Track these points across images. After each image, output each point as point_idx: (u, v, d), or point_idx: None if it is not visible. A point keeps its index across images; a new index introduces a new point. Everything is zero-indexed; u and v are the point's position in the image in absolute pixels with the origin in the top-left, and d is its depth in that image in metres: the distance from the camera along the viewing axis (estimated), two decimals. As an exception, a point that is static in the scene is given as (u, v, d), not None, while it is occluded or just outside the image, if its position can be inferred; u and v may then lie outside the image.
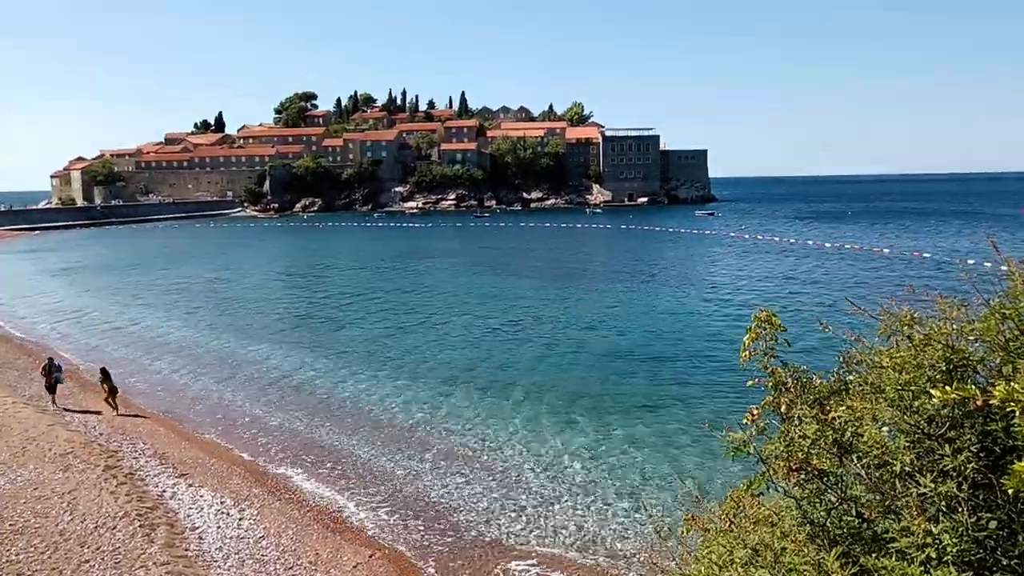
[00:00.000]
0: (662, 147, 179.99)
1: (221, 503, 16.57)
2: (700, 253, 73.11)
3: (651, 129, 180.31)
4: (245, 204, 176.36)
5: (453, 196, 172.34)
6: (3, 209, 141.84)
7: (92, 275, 64.89)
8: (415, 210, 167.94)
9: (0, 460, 18.33)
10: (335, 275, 62.27)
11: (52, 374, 24.00)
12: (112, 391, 23.68)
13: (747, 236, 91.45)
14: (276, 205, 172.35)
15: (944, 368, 3.44)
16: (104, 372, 23.99)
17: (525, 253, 76.64)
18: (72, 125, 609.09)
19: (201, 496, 16.93)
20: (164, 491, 17.07)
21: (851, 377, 4.34)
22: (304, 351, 33.37)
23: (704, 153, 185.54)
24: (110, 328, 40.56)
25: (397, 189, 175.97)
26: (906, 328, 3.88)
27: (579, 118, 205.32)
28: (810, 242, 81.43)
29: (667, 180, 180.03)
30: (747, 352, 5.07)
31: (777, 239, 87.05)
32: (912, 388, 3.40)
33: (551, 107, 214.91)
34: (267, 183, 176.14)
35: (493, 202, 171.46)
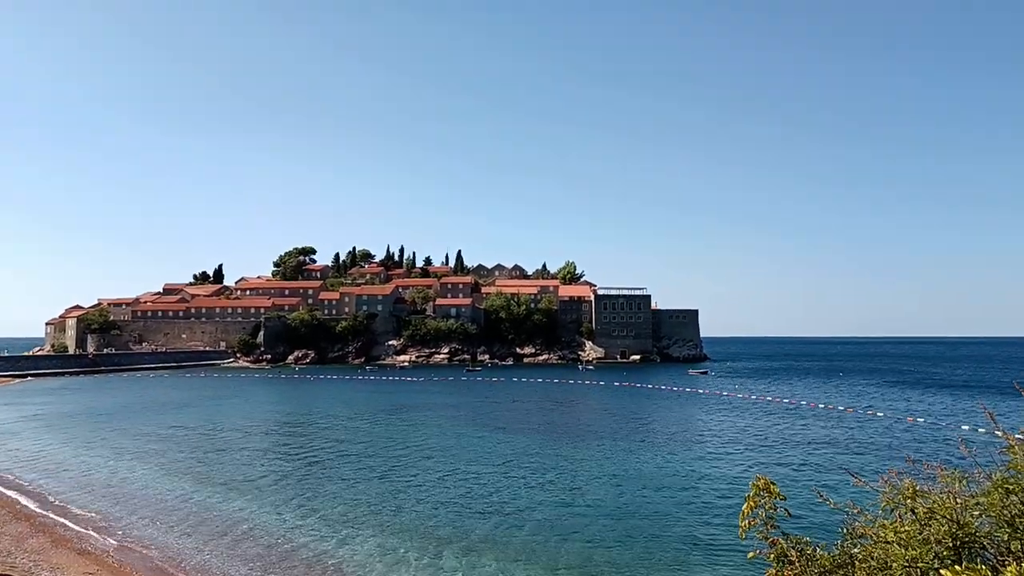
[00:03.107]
0: (653, 306, 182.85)
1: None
2: (695, 412, 72.50)
3: (642, 289, 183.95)
4: (238, 355, 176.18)
5: (446, 350, 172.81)
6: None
7: (76, 423, 63.66)
8: (407, 363, 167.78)
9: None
10: (323, 428, 61.22)
11: None
12: None
13: (741, 395, 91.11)
14: (269, 356, 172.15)
15: (951, 544, 3.35)
16: None
17: (517, 408, 75.86)
18: (71, 277, 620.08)
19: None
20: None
21: (856, 550, 4.21)
22: (289, 508, 32.26)
23: (695, 313, 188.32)
24: (88, 479, 39.32)
25: (391, 342, 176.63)
26: (909, 501, 3.81)
27: (571, 276, 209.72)
28: (803, 402, 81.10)
29: (659, 338, 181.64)
30: (747, 522, 4.94)
31: (770, 398, 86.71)
32: (920, 565, 3.31)
33: (544, 266, 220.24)
34: (261, 334, 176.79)
35: (486, 356, 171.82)
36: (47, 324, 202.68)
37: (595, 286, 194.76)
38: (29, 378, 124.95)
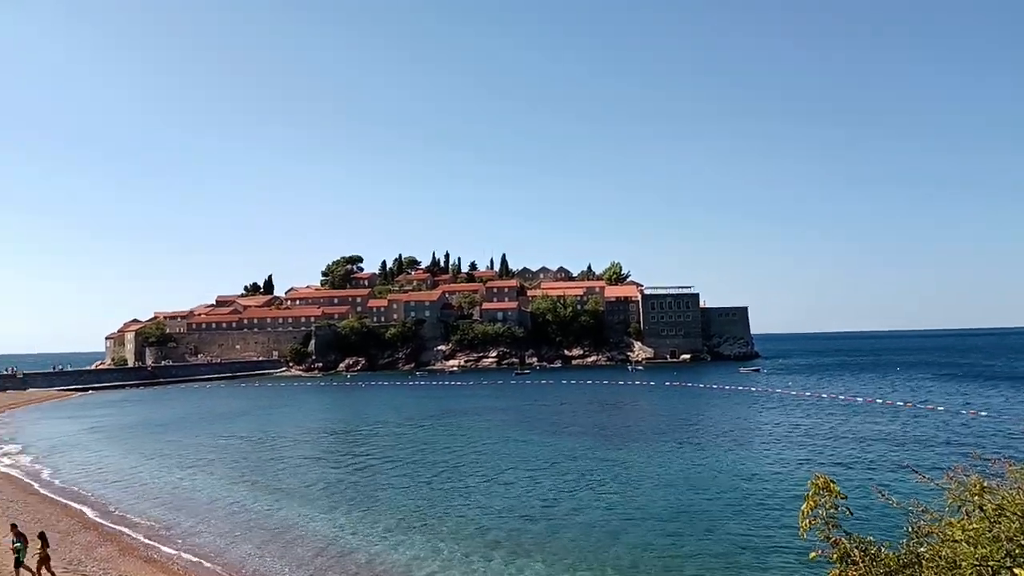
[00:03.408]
0: (702, 304, 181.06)
1: None
2: (748, 410, 71.54)
3: (690, 287, 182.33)
4: (290, 364, 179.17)
5: (494, 354, 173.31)
6: (58, 370, 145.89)
7: (137, 434, 65.37)
8: (456, 368, 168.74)
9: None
10: (374, 434, 61.89)
11: (14, 545, 21.56)
12: (46, 558, 21.74)
13: (794, 392, 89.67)
14: (320, 364, 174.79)
15: (1023, 542, 3.27)
16: (43, 537, 22.23)
17: (566, 411, 75.71)
18: (129, 291, 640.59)
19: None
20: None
21: (922, 549, 4.12)
22: (343, 513, 32.70)
23: (745, 310, 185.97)
24: (149, 489, 40.38)
25: (439, 348, 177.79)
26: (977, 498, 3.72)
27: (617, 277, 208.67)
28: (859, 398, 79.46)
29: (709, 337, 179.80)
30: (807, 521, 4.87)
31: (825, 395, 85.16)
32: (991, 563, 3.23)
33: (590, 267, 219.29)
34: (312, 343, 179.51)
35: (534, 359, 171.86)
36: (107, 338, 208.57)
37: (642, 286, 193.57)
38: (91, 391, 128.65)
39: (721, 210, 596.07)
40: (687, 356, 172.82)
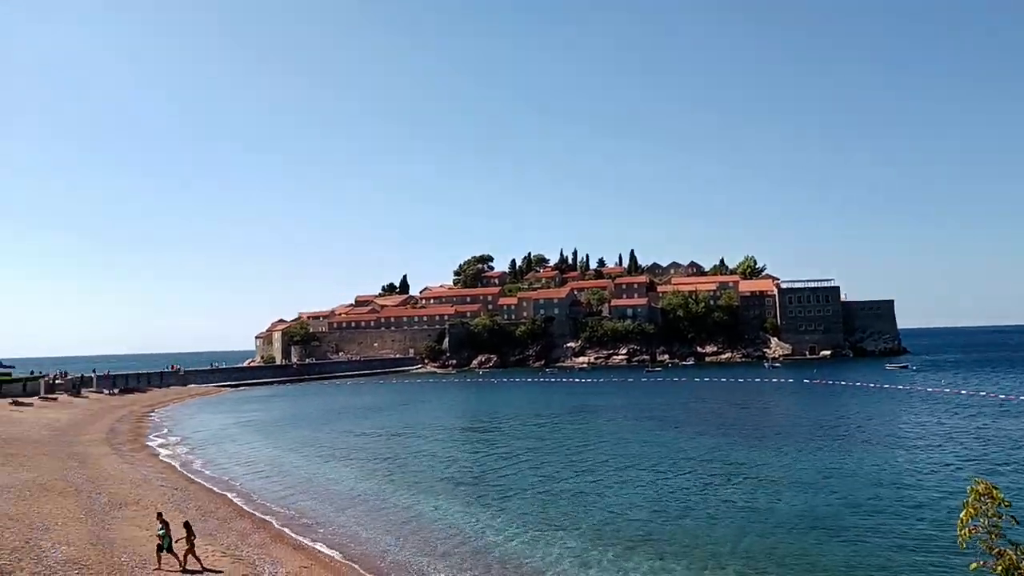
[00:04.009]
0: (843, 298, 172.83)
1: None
2: (896, 409, 67.74)
3: (830, 280, 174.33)
4: (425, 361, 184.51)
5: (624, 351, 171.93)
6: (214, 367, 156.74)
7: (284, 428, 69.17)
8: (586, 365, 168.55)
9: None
10: (508, 430, 62.78)
11: (159, 532, 22.12)
12: (191, 546, 22.41)
13: (947, 390, 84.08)
14: (454, 361, 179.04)
15: None
16: (187, 526, 22.88)
17: (700, 409, 74.16)
18: (277, 291, 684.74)
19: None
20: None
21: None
22: (479, 507, 33.37)
23: (890, 303, 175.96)
24: (296, 480, 42.61)
25: (569, 345, 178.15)
26: None
27: (752, 271, 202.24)
28: (1023, 396, 73.59)
29: (851, 332, 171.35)
30: (966, 530, 4.57)
31: (983, 392, 79.38)
32: None
33: (722, 261, 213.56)
34: (446, 341, 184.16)
35: (665, 356, 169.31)
36: (256, 337, 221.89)
37: (778, 280, 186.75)
38: (242, 387, 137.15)
39: (863, 200, 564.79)
40: (827, 352, 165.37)
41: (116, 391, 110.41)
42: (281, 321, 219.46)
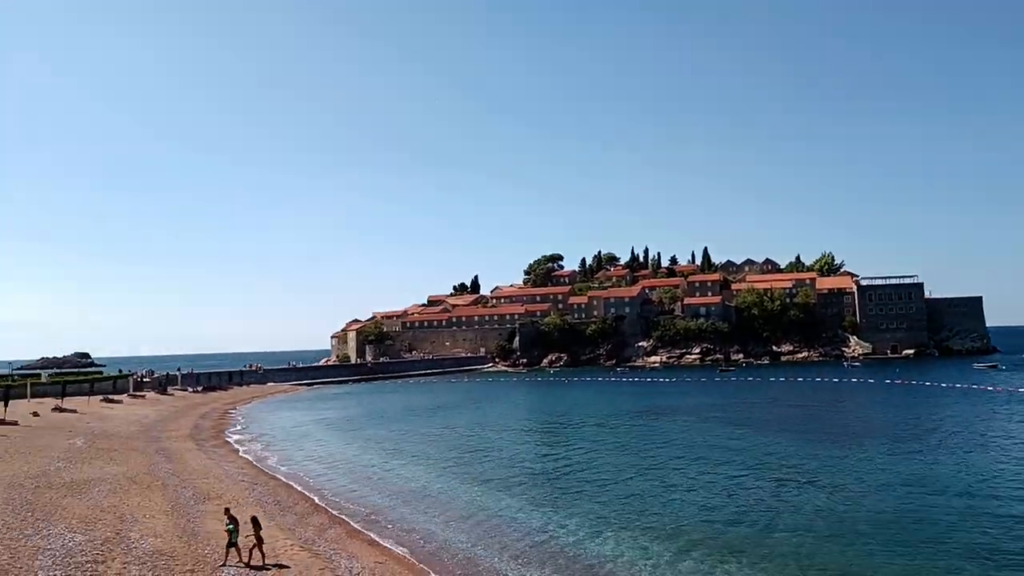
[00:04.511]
0: (926, 295, 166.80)
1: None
2: (985, 410, 64.98)
3: (912, 276, 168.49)
4: (496, 360, 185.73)
5: (697, 350, 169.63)
6: (291, 366, 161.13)
7: (358, 425, 70.57)
8: (658, 364, 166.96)
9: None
10: (578, 428, 62.66)
11: (227, 527, 22.58)
12: (259, 541, 22.82)
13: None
14: (524, 360, 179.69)
15: None
16: (255, 521, 23.17)
17: (774, 409, 72.55)
18: (352, 291, 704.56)
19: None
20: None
21: None
22: (549, 505, 33.41)
23: (978, 300, 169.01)
24: (370, 475, 43.44)
25: (640, 344, 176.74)
26: None
27: (829, 268, 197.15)
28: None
29: (936, 330, 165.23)
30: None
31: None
32: None
33: (798, 258, 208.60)
34: (516, 340, 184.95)
35: (740, 356, 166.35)
36: (332, 337, 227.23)
37: (856, 276, 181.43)
38: (318, 385, 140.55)
39: (949, 190, 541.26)
40: (910, 351, 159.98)
41: (199, 389, 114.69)
42: (356, 321, 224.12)
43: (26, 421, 58.78)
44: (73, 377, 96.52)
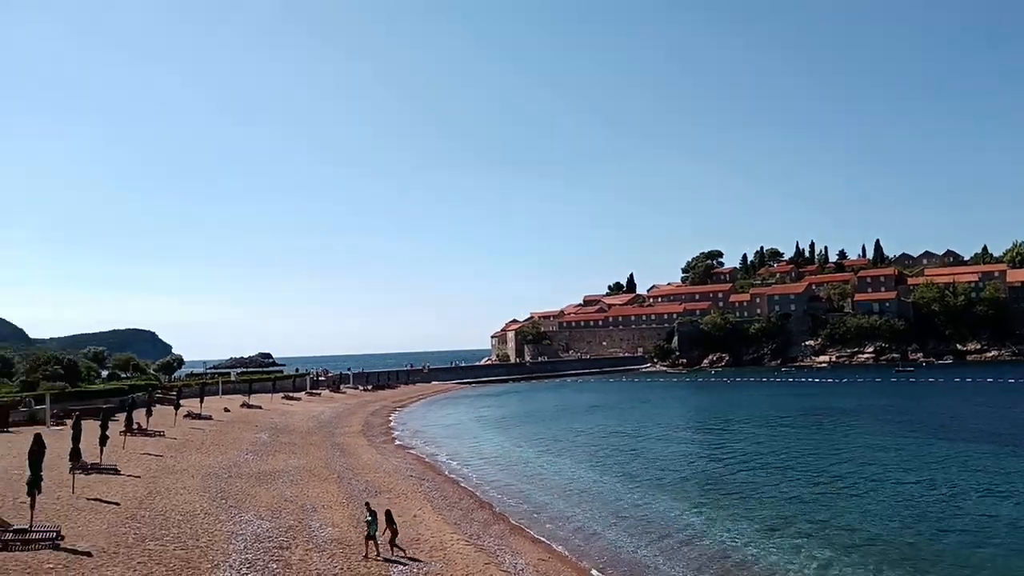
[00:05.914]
0: None
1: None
2: None
3: None
4: (654, 360, 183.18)
5: (871, 349, 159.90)
6: (454, 366, 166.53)
7: (517, 423, 71.85)
8: (826, 364, 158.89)
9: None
10: (743, 432, 60.65)
11: (367, 519, 23.15)
12: (394, 534, 23.38)
13: None
14: (684, 360, 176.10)
15: None
16: (388, 515, 23.71)
17: (959, 412, 67.10)
18: (512, 295, 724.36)
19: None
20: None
21: None
22: (716, 510, 32.50)
23: None
24: (530, 473, 44.05)
25: (807, 343, 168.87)
26: None
27: (1022, 259, 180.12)
28: None
29: None
30: None
31: None
32: None
33: (985, 248, 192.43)
34: (675, 339, 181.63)
35: (919, 355, 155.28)
36: (492, 337, 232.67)
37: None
38: (478, 385, 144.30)
39: None
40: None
41: (369, 387, 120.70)
42: (514, 321, 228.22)
43: (219, 416, 64.05)
44: (258, 376, 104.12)
